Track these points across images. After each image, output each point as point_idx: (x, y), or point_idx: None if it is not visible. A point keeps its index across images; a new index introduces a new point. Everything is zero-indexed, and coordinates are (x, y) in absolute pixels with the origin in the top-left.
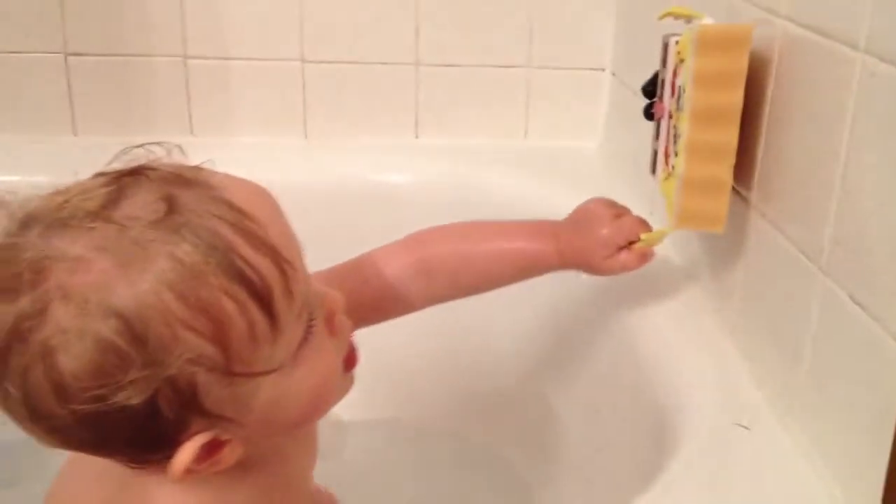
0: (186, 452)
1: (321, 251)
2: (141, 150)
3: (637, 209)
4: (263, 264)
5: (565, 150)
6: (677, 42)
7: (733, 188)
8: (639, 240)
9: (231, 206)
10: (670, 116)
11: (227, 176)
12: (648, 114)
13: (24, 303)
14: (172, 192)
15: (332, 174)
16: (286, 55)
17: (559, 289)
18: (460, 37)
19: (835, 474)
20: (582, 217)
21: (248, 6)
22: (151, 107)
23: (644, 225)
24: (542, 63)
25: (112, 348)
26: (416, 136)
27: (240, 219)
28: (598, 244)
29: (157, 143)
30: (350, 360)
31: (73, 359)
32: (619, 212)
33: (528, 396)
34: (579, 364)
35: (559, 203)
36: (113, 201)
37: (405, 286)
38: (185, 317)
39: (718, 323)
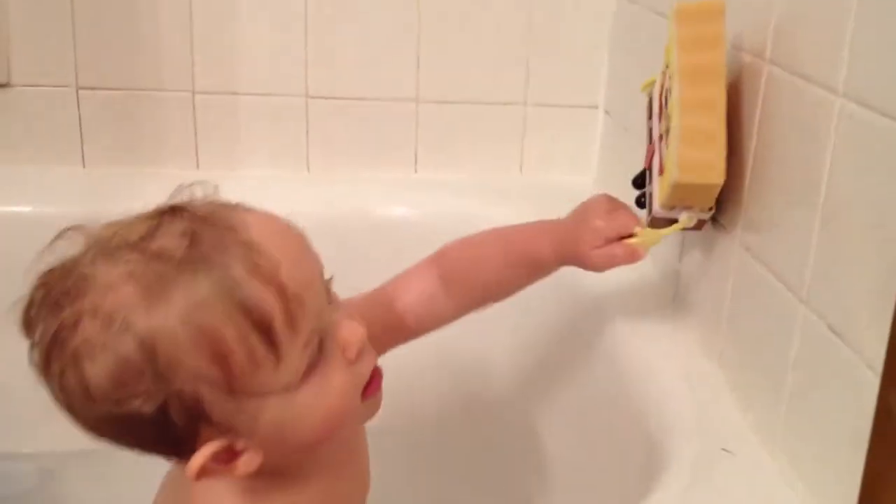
0: (199, 457)
1: None
2: (197, 188)
3: None
4: (267, 299)
5: (560, 185)
6: (659, 77)
7: (717, 221)
8: (632, 236)
9: (247, 245)
10: (661, 138)
11: (256, 214)
12: (639, 202)
13: (65, 315)
14: (197, 229)
15: (334, 206)
16: (291, 91)
17: (550, 315)
18: (459, 75)
19: (815, 497)
20: (580, 210)
21: (255, 44)
22: (159, 140)
23: (638, 223)
24: (538, 101)
25: (128, 362)
26: (416, 171)
27: (252, 257)
28: (588, 233)
29: (201, 182)
30: (370, 388)
31: (96, 367)
32: (615, 206)
33: (517, 419)
34: (569, 389)
35: None
36: (150, 235)
37: (429, 300)
38: (189, 341)
39: (705, 351)
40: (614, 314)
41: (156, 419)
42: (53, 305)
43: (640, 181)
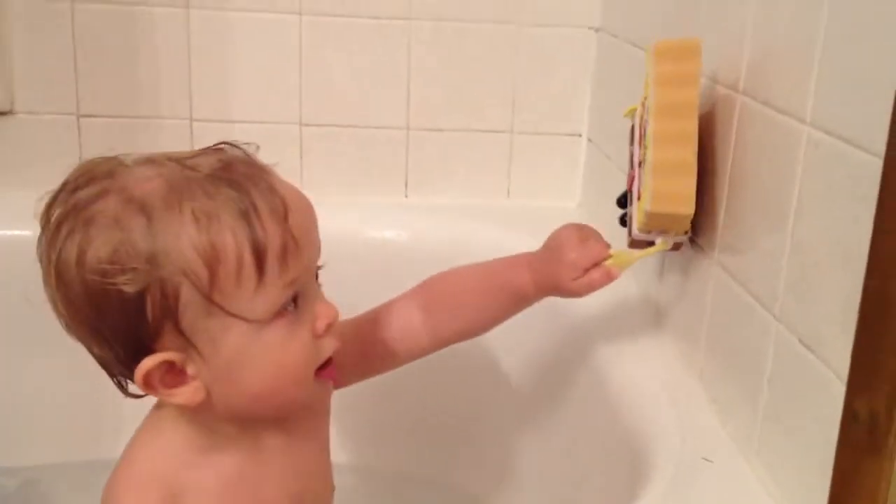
0: (150, 359)
1: None
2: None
3: None
4: (271, 228)
5: (546, 210)
6: (638, 107)
7: (696, 243)
8: (608, 257)
9: (270, 186)
10: (640, 165)
11: (284, 180)
12: (623, 221)
13: (95, 187)
14: (233, 161)
15: (328, 230)
16: (286, 119)
17: (536, 334)
18: (448, 103)
19: (791, 501)
20: (553, 243)
21: (251, 73)
22: None
23: (609, 246)
24: (524, 129)
25: (130, 239)
26: (406, 196)
27: (272, 196)
28: (565, 267)
29: (248, 143)
30: (323, 369)
31: (101, 235)
32: (585, 235)
33: (505, 436)
34: (556, 406)
35: None
36: (192, 156)
37: (408, 331)
38: (191, 234)
39: (685, 366)
40: (598, 332)
41: (132, 304)
42: (89, 180)
43: (623, 201)
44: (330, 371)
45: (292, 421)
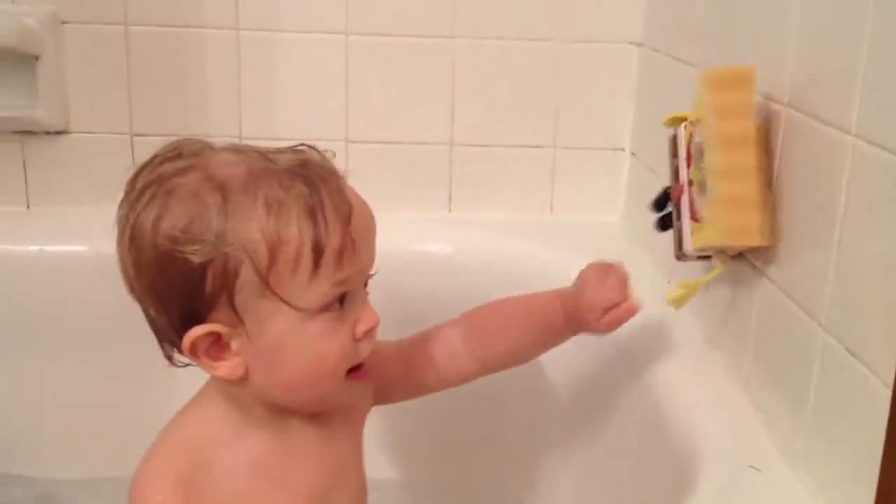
0: (201, 328)
1: None
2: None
3: (656, 278)
4: (334, 227)
5: (589, 224)
6: (685, 125)
7: (742, 254)
8: (626, 298)
9: (339, 189)
10: (690, 183)
11: (352, 189)
12: (659, 226)
13: (180, 162)
14: (310, 161)
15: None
16: (332, 136)
17: (579, 346)
18: (491, 119)
19: None
20: (578, 282)
21: (298, 92)
22: None
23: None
24: (567, 144)
25: (206, 212)
26: (450, 211)
27: (339, 198)
28: (586, 309)
29: (326, 150)
30: (356, 371)
31: (179, 206)
32: (604, 275)
33: (547, 448)
34: (599, 417)
35: None
36: (277, 151)
37: (456, 353)
38: (261, 219)
39: (732, 377)
40: (641, 343)
41: (195, 273)
42: (177, 155)
43: (660, 204)
44: (361, 374)
45: (325, 418)
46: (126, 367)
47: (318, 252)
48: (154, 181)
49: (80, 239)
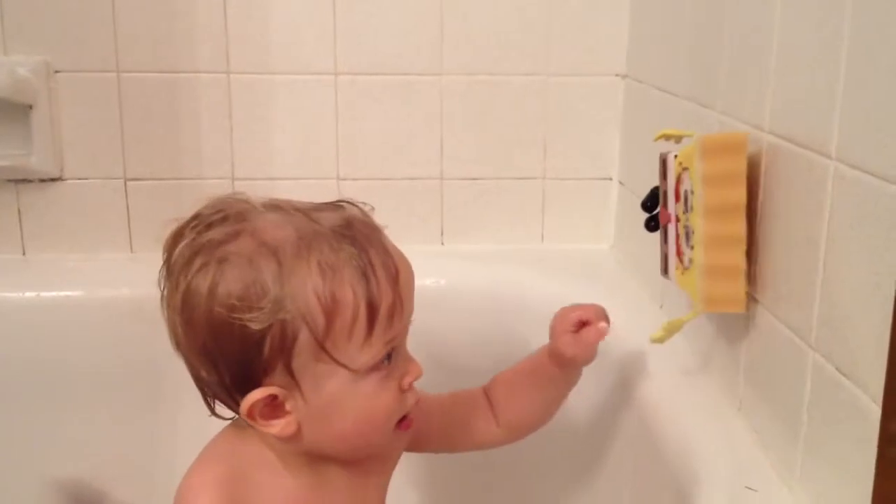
0: (260, 391)
1: None
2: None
3: (647, 303)
4: (385, 288)
5: (579, 253)
6: (676, 155)
7: None
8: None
9: (384, 248)
10: (677, 220)
11: (392, 243)
12: (648, 226)
13: (228, 226)
14: (353, 219)
15: None
16: (324, 174)
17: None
18: (481, 153)
19: None
20: (551, 330)
21: (290, 132)
22: None
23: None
24: (556, 174)
25: (261, 280)
26: (442, 243)
27: (386, 257)
28: (558, 338)
29: (364, 203)
30: (404, 422)
31: (235, 273)
32: (567, 309)
33: (542, 470)
34: (595, 442)
35: (578, 299)
36: (318, 209)
37: (485, 415)
38: (317, 284)
39: (726, 400)
40: (637, 369)
41: (252, 339)
42: (222, 219)
43: (649, 205)
44: (408, 423)
45: (360, 465)
46: (126, 411)
47: (372, 314)
48: (205, 247)
49: (76, 284)
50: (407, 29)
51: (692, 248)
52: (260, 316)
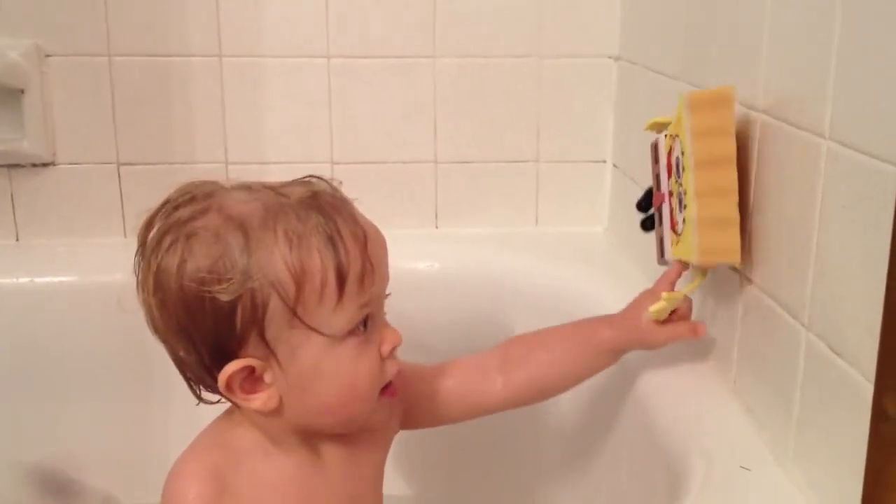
0: (235, 364)
1: None
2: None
3: (641, 285)
4: (353, 253)
5: (574, 235)
6: (665, 136)
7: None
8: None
9: (353, 216)
10: (671, 194)
11: (361, 213)
12: (644, 226)
13: (197, 205)
14: (320, 191)
15: None
16: (318, 158)
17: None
18: (474, 136)
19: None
20: (633, 304)
21: (283, 116)
22: None
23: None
24: (549, 157)
25: (229, 251)
26: (437, 227)
27: (354, 225)
28: (644, 319)
29: (332, 179)
30: (388, 389)
31: (202, 248)
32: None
33: (539, 451)
34: (590, 424)
35: (572, 282)
36: (286, 185)
37: (487, 379)
38: (284, 252)
39: (720, 380)
40: (634, 351)
41: (224, 311)
42: (190, 199)
43: (642, 205)
44: (392, 391)
45: (352, 438)
46: (120, 397)
47: (341, 278)
48: (173, 226)
49: (70, 269)
50: (399, 11)
51: (685, 207)
52: (229, 287)
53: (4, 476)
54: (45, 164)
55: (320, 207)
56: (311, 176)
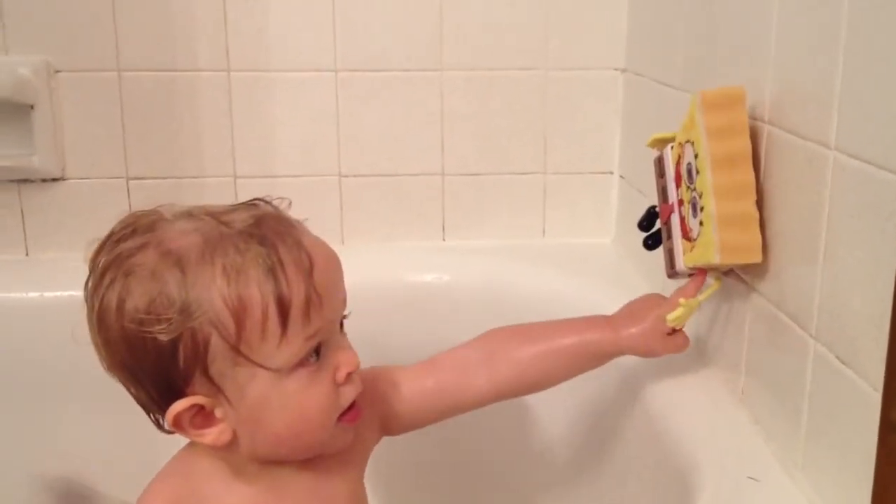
0: (182, 403)
1: (362, 347)
2: (273, 201)
3: None
4: (296, 283)
5: (581, 247)
6: (672, 147)
7: (733, 271)
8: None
9: (298, 243)
10: (681, 203)
11: (313, 235)
12: (647, 244)
13: (135, 240)
14: (265, 217)
15: (369, 275)
16: (325, 171)
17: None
18: (481, 148)
19: None
20: (636, 307)
21: (291, 129)
22: None
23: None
24: (556, 169)
25: (165, 290)
26: (444, 239)
27: (298, 252)
28: (654, 323)
29: (281, 198)
30: (347, 415)
31: (139, 286)
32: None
33: (547, 463)
34: (599, 437)
35: (580, 293)
36: (227, 211)
37: (470, 373)
38: (222, 287)
39: (728, 390)
40: (640, 360)
41: (165, 351)
42: (131, 233)
43: (644, 225)
44: (353, 415)
45: (318, 461)
46: (131, 409)
47: (283, 311)
48: (113, 262)
49: (79, 284)
50: (406, 25)
51: (702, 209)
52: (168, 327)
53: (16, 490)
54: (54, 179)
55: (262, 237)
56: (257, 199)
